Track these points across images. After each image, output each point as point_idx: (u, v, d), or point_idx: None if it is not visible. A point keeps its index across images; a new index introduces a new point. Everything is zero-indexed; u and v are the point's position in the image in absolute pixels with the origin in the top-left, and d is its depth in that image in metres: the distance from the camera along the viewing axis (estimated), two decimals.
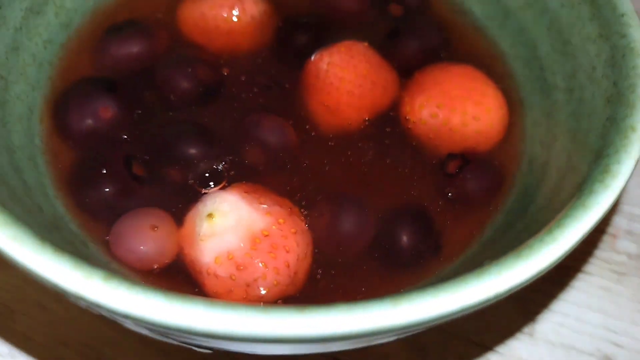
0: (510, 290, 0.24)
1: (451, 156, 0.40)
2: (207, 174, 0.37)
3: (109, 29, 0.43)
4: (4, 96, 0.36)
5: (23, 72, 0.38)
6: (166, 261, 0.35)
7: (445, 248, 0.37)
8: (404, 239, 0.36)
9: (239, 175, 0.38)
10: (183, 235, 0.35)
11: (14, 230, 0.24)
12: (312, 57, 0.42)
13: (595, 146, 0.32)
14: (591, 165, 0.30)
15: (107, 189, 0.36)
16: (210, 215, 0.34)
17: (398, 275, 0.36)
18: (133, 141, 0.39)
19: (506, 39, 0.45)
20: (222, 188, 0.37)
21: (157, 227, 0.34)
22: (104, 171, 0.36)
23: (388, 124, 0.42)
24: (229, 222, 0.34)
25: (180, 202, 0.36)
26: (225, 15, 0.43)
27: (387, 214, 0.37)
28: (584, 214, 0.27)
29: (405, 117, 0.41)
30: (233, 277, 0.33)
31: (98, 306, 0.22)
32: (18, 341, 0.42)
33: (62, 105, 0.39)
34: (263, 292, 0.33)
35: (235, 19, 0.44)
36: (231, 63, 0.43)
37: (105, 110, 0.39)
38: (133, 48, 0.42)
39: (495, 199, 0.38)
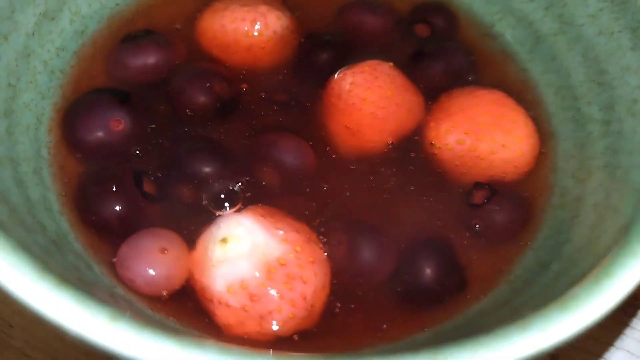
0: (555, 346, 0.22)
1: (478, 185, 0.38)
2: (222, 195, 0.36)
3: (125, 38, 0.41)
4: (11, 105, 0.34)
5: (33, 79, 0.37)
6: (175, 287, 0.33)
7: (471, 284, 0.35)
8: (428, 273, 0.34)
9: (255, 197, 0.36)
10: (194, 259, 0.33)
11: (13, 257, 0.22)
12: (335, 76, 0.41)
13: (639, 185, 0.30)
14: (637, 206, 0.28)
15: (116, 207, 0.34)
16: (223, 240, 0.32)
17: (422, 312, 0.34)
18: (145, 156, 0.37)
19: (537, 66, 0.43)
20: (238, 210, 0.35)
21: (166, 250, 0.32)
22: (113, 187, 0.34)
23: (412, 149, 0.40)
24: (244, 248, 0.32)
25: (193, 224, 0.34)
26: (247, 29, 0.42)
27: (409, 245, 0.35)
28: (634, 260, 0.25)
29: (431, 142, 0.39)
30: (246, 308, 0.31)
31: (102, 349, 0.19)
32: (15, 358, 0.40)
33: (72, 115, 0.37)
34: (277, 325, 0.31)
35: (256, 33, 0.42)
36: (250, 78, 0.42)
37: (117, 123, 0.37)
38: (149, 58, 0.40)
39: (524, 233, 0.36)
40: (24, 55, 0.36)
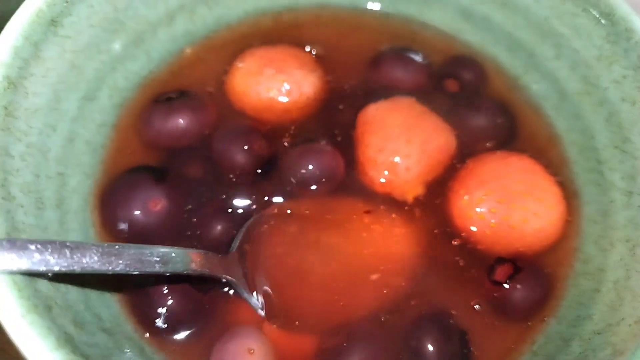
0: None
1: (500, 261, 0.38)
2: None
3: (158, 99, 0.42)
4: (62, 193, 0.36)
5: (79, 162, 0.38)
6: None
7: (495, 351, 0.37)
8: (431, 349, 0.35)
9: None
10: None
11: None
12: None
13: None
14: None
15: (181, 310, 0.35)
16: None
17: None
18: (189, 233, 0.38)
19: (562, 122, 0.44)
20: None
21: (253, 350, 0.34)
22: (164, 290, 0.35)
23: (441, 215, 0.40)
24: None
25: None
26: (281, 97, 0.43)
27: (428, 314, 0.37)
28: None
29: (461, 210, 0.39)
30: None
31: None
32: None
33: (111, 198, 0.38)
34: None
35: (290, 99, 0.43)
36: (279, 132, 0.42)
37: (155, 203, 0.37)
38: (181, 121, 0.40)
39: (548, 301, 0.38)
40: (69, 141, 0.37)
